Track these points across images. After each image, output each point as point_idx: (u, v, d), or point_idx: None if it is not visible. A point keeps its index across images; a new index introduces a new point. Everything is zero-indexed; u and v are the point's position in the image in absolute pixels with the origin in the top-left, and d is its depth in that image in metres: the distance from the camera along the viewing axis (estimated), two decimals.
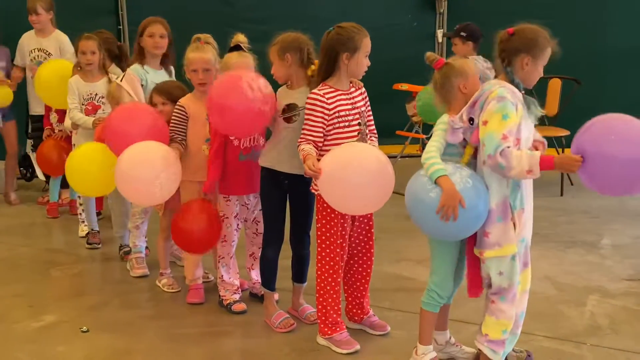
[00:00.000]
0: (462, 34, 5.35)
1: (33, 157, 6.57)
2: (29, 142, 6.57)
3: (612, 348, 3.50)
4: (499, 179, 2.99)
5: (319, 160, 3.26)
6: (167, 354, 3.53)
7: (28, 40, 6.08)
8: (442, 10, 7.82)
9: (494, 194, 3.01)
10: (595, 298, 4.10)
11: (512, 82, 3.03)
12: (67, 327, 3.83)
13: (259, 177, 3.79)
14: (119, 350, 3.56)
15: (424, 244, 3.28)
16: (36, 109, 6.10)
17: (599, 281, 4.36)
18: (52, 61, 5.63)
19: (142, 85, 4.50)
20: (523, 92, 3.05)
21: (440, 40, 7.86)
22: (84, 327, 3.77)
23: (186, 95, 4.04)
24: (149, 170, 3.70)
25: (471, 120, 3.07)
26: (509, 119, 2.91)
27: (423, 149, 7.49)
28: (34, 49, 6.06)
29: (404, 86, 6.47)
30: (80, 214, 5.35)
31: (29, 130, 6.45)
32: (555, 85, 6.66)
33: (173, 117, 4.00)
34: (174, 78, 4.68)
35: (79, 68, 4.99)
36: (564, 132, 6.29)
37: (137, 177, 3.72)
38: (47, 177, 6.16)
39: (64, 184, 6.02)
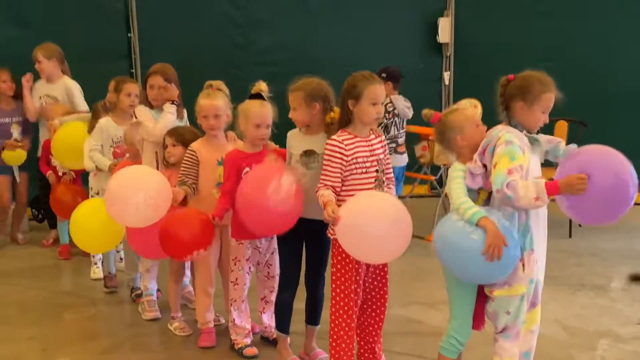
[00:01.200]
0: (383, 75, 5.73)
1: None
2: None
3: None
4: (510, 222, 3.04)
5: (338, 206, 3.32)
6: None
7: (38, 87, 6.21)
8: (448, 54, 7.93)
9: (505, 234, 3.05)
10: (606, 342, 4.10)
11: (510, 125, 3.12)
12: None
13: None
14: None
15: (434, 286, 3.34)
16: None
17: (609, 325, 4.36)
18: (68, 125, 5.57)
19: None
20: (524, 131, 3.12)
21: (447, 82, 7.97)
22: None
23: (197, 140, 4.11)
24: (128, 188, 3.81)
25: (484, 166, 3.14)
26: (516, 161, 2.99)
27: (432, 189, 7.59)
28: (43, 96, 6.18)
29: (412, 128, 6.54)
30: (94, 256, 5.39)
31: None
32: (562, 128, 6.72)
33: (184, 161, 4.06)
34: (186, 123, 4.73)
35: (105, 105, 5.08)
36: None
37: (118, 193, 3.84)
38: (52, 217, 6.21)
39: (54, 225, 6.19)
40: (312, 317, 3.88)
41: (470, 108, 3.67)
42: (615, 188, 2.95)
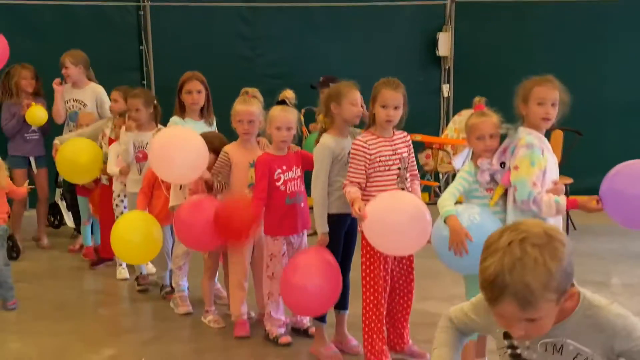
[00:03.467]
0: (331, 84, 6.25)
1: (62, 205, 6.88)
2: (58, 190, 6.86)
3: None
4: (523, 217, 3.37)
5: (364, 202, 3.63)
6: None
7: (65, 92, 6.44)
8: (447, 67, 8.29)
9: None
10: None
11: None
12: (126, 358, 4.10)
13: (303, 219, 4.15)
14: None
15: (447, 284, 3.67)
16: None
17: None
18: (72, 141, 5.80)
19: None
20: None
21: (446, 94, 8.31)
22: (143, 359, 4.03)
23: (231, 143, 4.40)
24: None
25: (502, 164, 3.47)
26: (536, 166, 3.32)
27: (435, 196, 7.91)
28: (70, 99, 6.41)
29: (418, 137, 6.86)
30: (118, 258, 5.63)
31: (60, 179, 6.76)
32: (557, 137, 7.08)
33: (217, 162, 4.34)
34: (214, 128, 5.03)
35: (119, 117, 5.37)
36: (568, 180, 6.68)
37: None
38: (77, 224, 6.45)
39: (79, 231, 6.40)
40: (342, 302, 4.13)
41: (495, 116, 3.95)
42: None
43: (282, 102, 4.29)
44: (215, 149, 4.43)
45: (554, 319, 1.75)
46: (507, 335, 1.86)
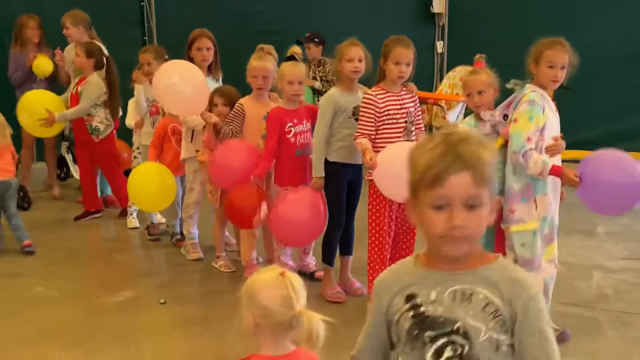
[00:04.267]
0: (316, 39, 6.81)
1: (68, 157, 7.10)
2: (64, 144, 7.07)
3: (619, 311, 4.14)
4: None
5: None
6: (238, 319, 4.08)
7: (69, 52, 6.60)
8: (442, 24, 8.48)
9: (520, 179, 3.63)
10: (599, 273, 4.75)
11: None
12: (145, 300, 4.37)
13: (312, 170, 4.40)
14: (197, 317, 4.10)
15: None
16: None
17: (599, 260, 5.02)
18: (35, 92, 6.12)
19: None
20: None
21: (440, 51, 8.52)
22: (162, 300, 4.30)
23: (246, 97, 4.61)
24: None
25: (505, 116, 3.71)
26: (534, 121, 3.55)
27: None
28: (75, 59, 6.57)
29: None
30: (130, 206, 5.87)
31: (65, 132, 6.96)
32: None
33: (231, 113, 4.56)
34: (221, 84, 5.22)
35: (138, 71, 5.54)
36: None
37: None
38: None
39: None
40: (347, 248, 4.43)
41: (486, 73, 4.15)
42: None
43: (291, 58, 4.50)
44: (232, 102, 4.63)
45: (487, 220, 1.63)
46: (410, 297, 1.69)
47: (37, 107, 5.84)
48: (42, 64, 6.43)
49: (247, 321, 1.97)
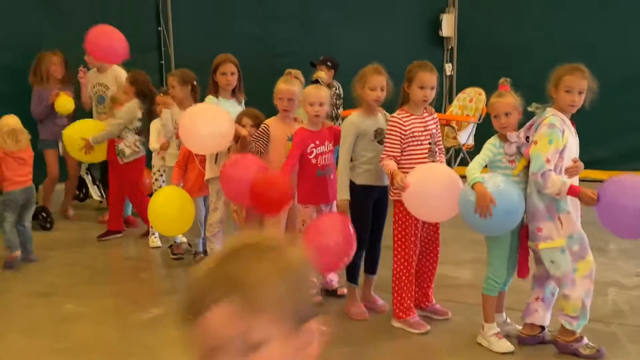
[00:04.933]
0: (328, 63, 7.06)
1: (87, 179, 7.25)
2: (84, 165, 7.21)
3: (636, 325, 4.27)
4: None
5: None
6: None
7: (91, 77, 6.79)
8: (450, 47, 8.68)
9: (543, 198, 3.79)
10: (614, 289, 4.88)
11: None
12: (174, 317, 4.46)
13: (332, 189, 4.55)
14: None
15: (457, 250, 4.11)
16: None
17: (614, 277, 5.15)
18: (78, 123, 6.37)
19: None
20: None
21: (448, 73, 8.71)
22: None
23: (272, 118, 4.78)
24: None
25: (527, 138, 3.87)
26: (553, 144, 3.71)
27: None
28: (95, 84, 6.78)
29: None
30: (151, 227, 6.00)
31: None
32: None
33: (257, 133, 4.72)
34: (244, 107, 5.37)
35: (162, 95, 5.69)
36: None
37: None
38: (105, 196, 6.81)
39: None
40: (372, 267, 4.56)
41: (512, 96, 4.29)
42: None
43: (315, 82, 4.68)
44: (259, 123, 4.79)
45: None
46: None
47: (75, 138, 6.13)
48: (64, 103, 6.58)
49: None
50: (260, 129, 4.71)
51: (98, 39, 6.14)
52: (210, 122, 4.68)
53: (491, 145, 3.92)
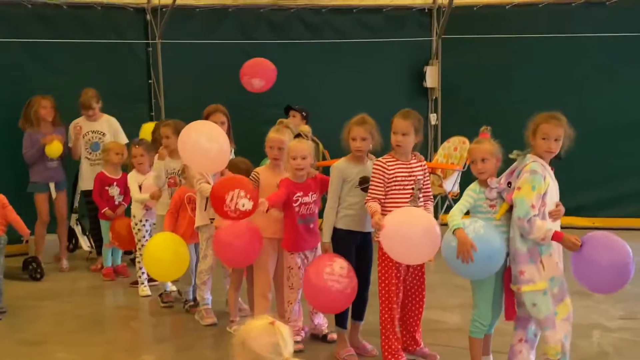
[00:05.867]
0: (303, 113, 7.48)
1: (77, 229, 7.32)
2: (74, 216, 7.30)
3: None
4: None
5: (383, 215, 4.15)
6: None
7: (83, 126, 6.93)
8: (434, 97, 8.89)
9: (526, 242, 3.90)
10: (598, 332, 4.97)
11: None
12: None
13: (312, 237, 4.70)
14: None
15: (443, 295, 4.33)
16: (86, 186, 6.90)
17: (598, 320, 5.24)
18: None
19: None
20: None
21: (433, 123, 8.89)
22: None
23: (263, 166, 4.92)
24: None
25: (509, 184, 4.00)
26: (536, 190, 3.84)
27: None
28: (88, 132, 6.92)
29: None
30: (140, 276, 6.08)
31: (75, 205, 7.22)
32: None
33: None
34: (234, 156, 5.50)
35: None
36: None
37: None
38: (99, 246, 6.87)
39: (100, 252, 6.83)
40: (359, 313, 4.63)
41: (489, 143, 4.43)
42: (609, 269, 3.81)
43: (298, 136, 4.85)
44: (241, 172, 4.89)
45: None
46: None
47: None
48: (54, 148, 6.72)
49: None
50: (251, 176, 4.83)
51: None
52: (213, 137, 4.67)
53: (471, 191, 4.05)
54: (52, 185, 6.92)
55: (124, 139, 6.93)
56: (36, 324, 5.35)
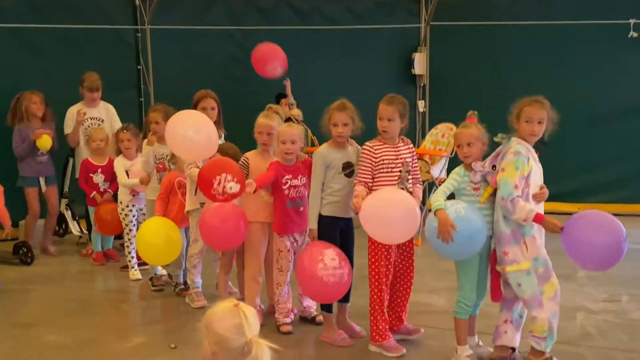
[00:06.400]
0: (292, 102, 7.74)
1: (67, 214, 7.33)
2: (64, 201, 7.31)
3: (603, 347, 4.45)
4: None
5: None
6: None
7: (78, 111, 6.94)
8: (422, 84, 8.96)
9: (509, 223, 3.98)
10: (582, 314, 5.07)
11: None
12: (157, 345, 4.59)
13: (302, 220, 4.74)
14: None
15: (430, 279, 4.40)
16: None
17: (582, 302, 5.33)
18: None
19: None
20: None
21: (421, 109, 8.97)
22: (172, 344, 4.52)
23: (252, 151, 4.95)
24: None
25: (493, 167, 4.07)
26: (519, 170, 3.91)
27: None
28: (87, 118, 6.95)
29: None
30: (130, 261, 6.13)
31: (65, 189, 7.25)
32: None
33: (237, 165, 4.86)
34: (224, 141, 5.55)
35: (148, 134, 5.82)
36: None
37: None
38: (88, 230, 6.91)
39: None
40: (345, 295, 4.67)
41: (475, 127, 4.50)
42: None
43: (289, 120, 4.89)
44: (229, 157, 4.93)
45: None
46: None
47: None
48: (44, 141, 6.71)
49: (205, 350, 2.15)
50: (240, 162, 4.87)
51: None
52: (200, 128, 4.71)
53: (456, 174, 4.12)
54: (42, 180, 6.92)
55: (119, 126, 6.94)
56: (27, 307, 5.40)
